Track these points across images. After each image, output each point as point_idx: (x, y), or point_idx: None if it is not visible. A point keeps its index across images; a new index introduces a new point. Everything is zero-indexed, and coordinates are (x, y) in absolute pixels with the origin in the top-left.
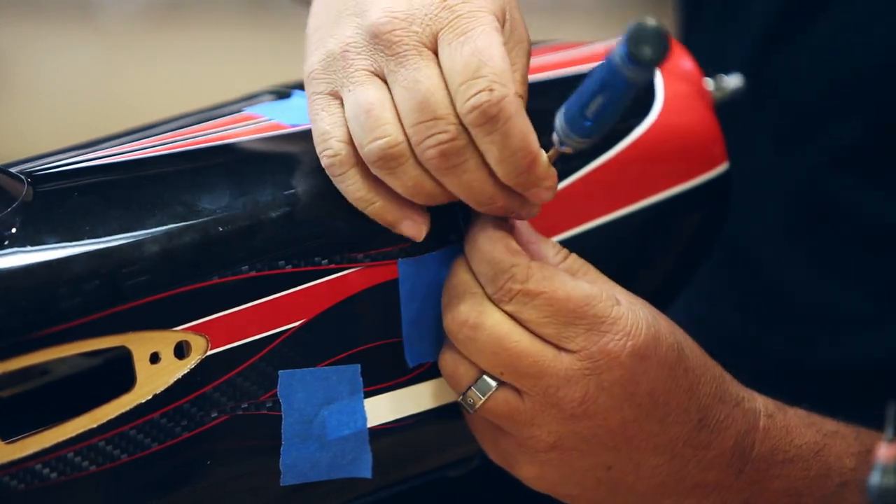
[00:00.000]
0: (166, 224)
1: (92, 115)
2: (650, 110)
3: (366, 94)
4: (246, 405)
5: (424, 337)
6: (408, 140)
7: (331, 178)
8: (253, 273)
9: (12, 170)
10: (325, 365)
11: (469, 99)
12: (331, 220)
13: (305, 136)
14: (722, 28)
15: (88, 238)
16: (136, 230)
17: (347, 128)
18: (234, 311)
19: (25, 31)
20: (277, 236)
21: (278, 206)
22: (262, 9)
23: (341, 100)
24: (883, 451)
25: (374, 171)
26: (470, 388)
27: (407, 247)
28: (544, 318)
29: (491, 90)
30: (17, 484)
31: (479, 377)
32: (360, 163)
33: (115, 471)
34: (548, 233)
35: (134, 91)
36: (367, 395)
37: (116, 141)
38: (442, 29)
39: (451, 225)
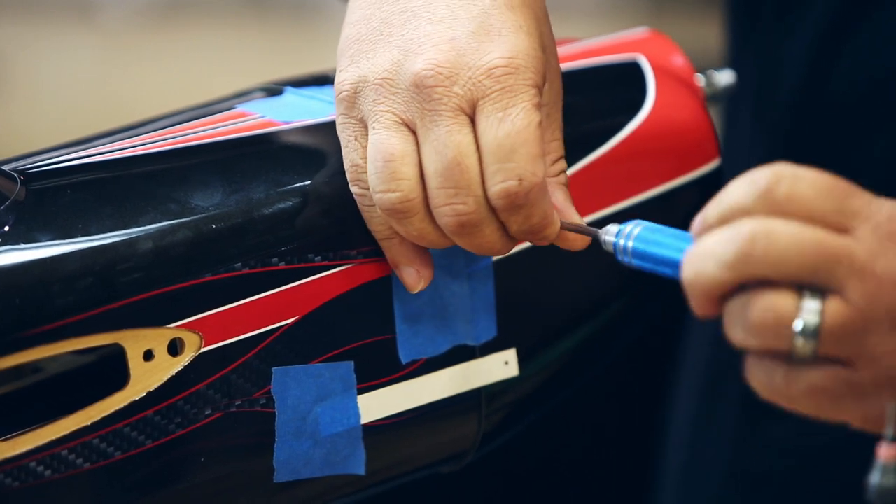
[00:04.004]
0: (159, 221)
1: (92, 115)
2: (642, 106)
3: (388, 142)
4: (239, 402)
5: (418, 333)
6: (424, 195)
7: (358, 206)
8: (246, 270)
9: (5, 167)
10: (319, 362)
11: (498, 184)
12: (324, 217)
13: (298, 132)
14: (779, 26)
15: (81, 235)
16: (129, 227)
17: None
18: (228, 309)
19: (25, 31)
20: (270, 233)
21: (271, 203)
22: (261, 9)
23: None
24: (883, 451)
25: (381, 214)
26: (798, 328)
27: None
28: (823, 205)
29: (521, 180)
30: (11, 482)
31: (801, 306)
32: None
33: (109, 468)
34: None
35: (134, 91)
36: (361, 391)
37: (109, 138)
38: (483, 98)
39: None
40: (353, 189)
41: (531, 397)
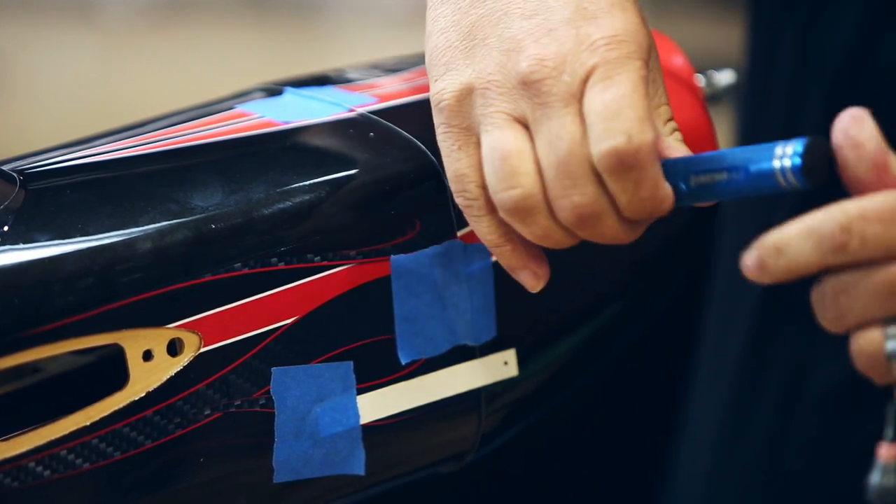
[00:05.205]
0: (159, 221)
1: (92, 114)
2: None
3: (504, 140)
4: (239, 402)
5: (417, 334)
6: (543, 191)
7: (465, 216)
8: (246, 270)
9: (4, 167)
10: (319, 362)
11: (604, 142)
12: (323, 217)
13: (297, 133)
14: (816, 18)
15: (81, 235)
16: (128, 227)
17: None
18: (227, 309)
19: (25, 31)
20: (270, 233)
21: (271, 203)
22: (261, 9)
23: (477, 138)
24: (883, 451)
25: (503, 216)
26: (889, 358)
27: (400, 243)
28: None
29: (629, 136)
30: (10, 482)
31: (886, 335)
32: (497, 209)
33: (108, 468)
34: None
35: (134, 91)
36: (360, 391)
37: (109, 138)
38: (590, 75)
39: (445, 221)
40: (459, 200)
41: (531, 397)
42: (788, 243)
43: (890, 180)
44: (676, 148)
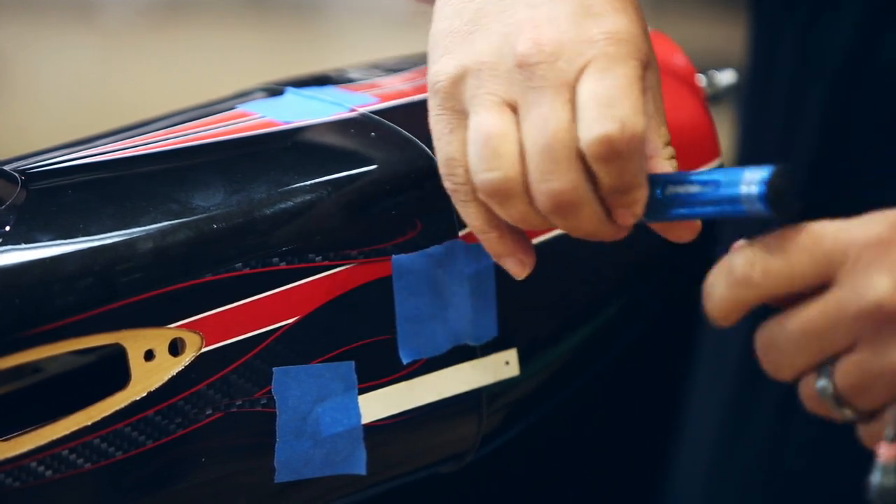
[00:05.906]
0: (160, 221)
1: (92, 114)
2: None
3: (489, 122)
4: (240, 402)
5: (418, 333)
6: (524, 175)
7: (453, 201)
8: (247, 270)
9: (6, 167)
10: (320, 362)
11: (596, 128)
12: (324, 217)
13: (298, 133)
14: (816, 18)
15: (82, 235)
16: (129, 227)
17: None
18: (229, 308)
19: (25, 31)
20: (271, 233)
21: (272, 203)
22: (261, 9)
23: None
24: (883, 451)
25: (481, 198)
26: (826, 400)
27: (401, 243)
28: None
29: (623, 124)
30: (11, 482)
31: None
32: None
33: (109, 468)
34: (534, 234)
35: (134, 91)
36: (361, 391)
37: (110, 138)
38: (586, 65)
39: (446, 221)
40: (447, 184)
41: (532, 397)
42: (711, 282)
43: None
44: (669, 167)
